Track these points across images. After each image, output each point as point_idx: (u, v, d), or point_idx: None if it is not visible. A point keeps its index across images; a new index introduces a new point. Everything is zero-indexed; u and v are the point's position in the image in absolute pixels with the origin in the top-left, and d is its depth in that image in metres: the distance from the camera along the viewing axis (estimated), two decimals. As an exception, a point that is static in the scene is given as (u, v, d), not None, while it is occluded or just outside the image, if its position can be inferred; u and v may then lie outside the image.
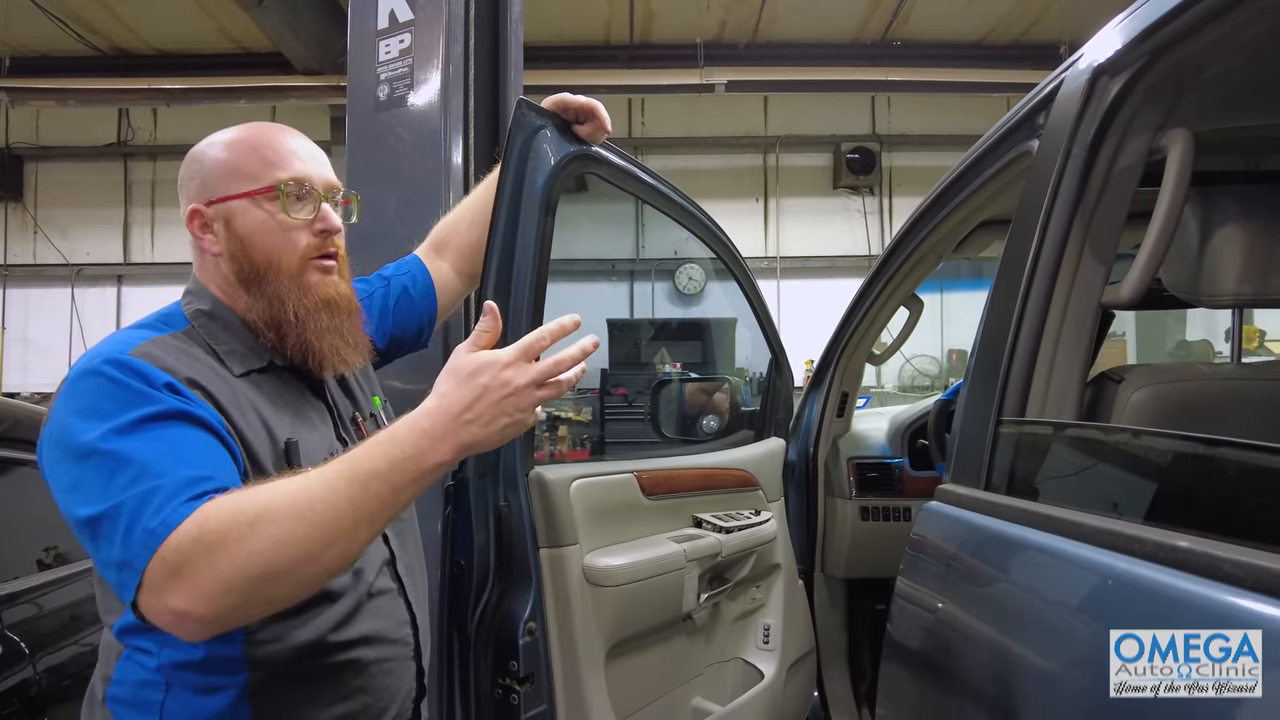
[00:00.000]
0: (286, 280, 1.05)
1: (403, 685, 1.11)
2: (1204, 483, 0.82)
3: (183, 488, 0.81)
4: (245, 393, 1.00)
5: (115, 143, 8.55)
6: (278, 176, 1.05)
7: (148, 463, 0.83)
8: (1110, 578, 0.77)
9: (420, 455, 0.87)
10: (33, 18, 6.87)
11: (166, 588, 0.78)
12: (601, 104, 1.43)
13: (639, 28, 7.64)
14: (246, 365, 1.03)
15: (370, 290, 1.38)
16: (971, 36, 7.76)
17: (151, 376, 0.89)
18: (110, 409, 0.86)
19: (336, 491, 0.83)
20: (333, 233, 1.08)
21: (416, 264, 1.45)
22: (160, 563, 0.78)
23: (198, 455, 0.86)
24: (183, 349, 0.98)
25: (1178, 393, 1.14)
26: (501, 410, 0.89)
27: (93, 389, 0.88)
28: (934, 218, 1.77)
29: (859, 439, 2.58)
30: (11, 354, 8.49)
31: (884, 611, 2.46)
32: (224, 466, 0.88)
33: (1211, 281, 1.17)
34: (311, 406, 1.10)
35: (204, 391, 0.94)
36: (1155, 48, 0.99)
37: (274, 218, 1.05)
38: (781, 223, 8.61)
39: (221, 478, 0.85)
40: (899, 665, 1.30)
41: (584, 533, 1.46)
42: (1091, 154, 1.07)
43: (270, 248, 1.05)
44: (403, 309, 1.40)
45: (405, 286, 1.41)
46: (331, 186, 1.10)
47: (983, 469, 1.14)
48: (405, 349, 1.44)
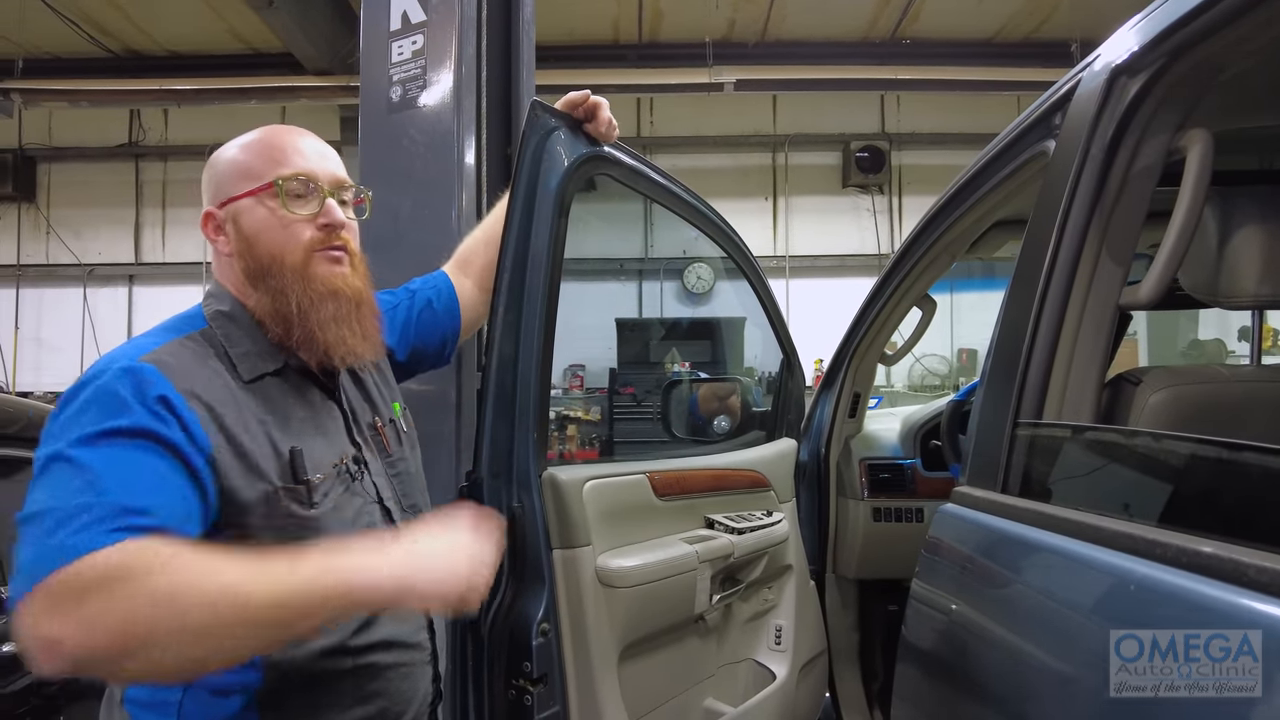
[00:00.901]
0: (290, 273, 1.05)
1: (419, 690, 1.11)
2: (1225, 486, 0.81)
3: (116, 514, 0.79)
4: (250, 402, 1.00)
5: (127, 143, 8.58)
6: (278, 173, 1.06)
7: (94, 479, 0.81)
8: (1131, 582, 0.77)
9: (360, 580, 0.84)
10: (46, 19, 6.90)
11: (52, 610, 0.74)
12: (606, 101, 1.45)
13: (647, 27, 7.63)
14: (258, 369, 1.03)
15: (395, 302, 1.40)
16: (981, 34, 7.72)
17: (148, 387, 0.89)
18: (89, 418, 0.86)
19: (269, 587, 0.79)
20: (336, 227, 1.08)
21: (443, 279, 1.47)
22: (58, 582, 0.74)
23: (149, 486, 0.84)
24: (196, 355, 0.99)
25: (1197, 395, 1.13)
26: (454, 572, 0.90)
27: (88, 396, 0.89)
28: (948, 218, 1.76)
29: (871, 440, 2.57)
30: (25, 354, 8.54)
31: (896, 613, 2.47)
32: (171, 503, 0.85)
33: (1231, 282, 1.16)
34: (324, 411, 1.10)
35: (203, 404, 0.93)
36: (1175, 48, 0.98)
37: (275, 214, 1.05)
38: (790, 222, 8.59)
39: (162, 515, 0.82)
40: (914, 667, 1.30)
41: (597, 534, 1.47)
42: (1110, 154, 1.06)
43: (273, 243, 1.05)
44: (426, 321, 1.41)
45: (429, 300, 1.43)
46: (338, 182, 1.11)
47: (999, 471, 1.14)
48: (428, 363, 1.44)
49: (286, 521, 0.97)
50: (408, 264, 1.77)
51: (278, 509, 0.97)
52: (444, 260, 1.56)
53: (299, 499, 0.98)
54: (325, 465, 1.03)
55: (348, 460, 1.07)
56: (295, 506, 0.98)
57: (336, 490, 1.04)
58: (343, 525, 1.03)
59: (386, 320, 1.37)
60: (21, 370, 8.47)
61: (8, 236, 8.60)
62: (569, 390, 7.74)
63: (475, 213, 1.79)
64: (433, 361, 1.45)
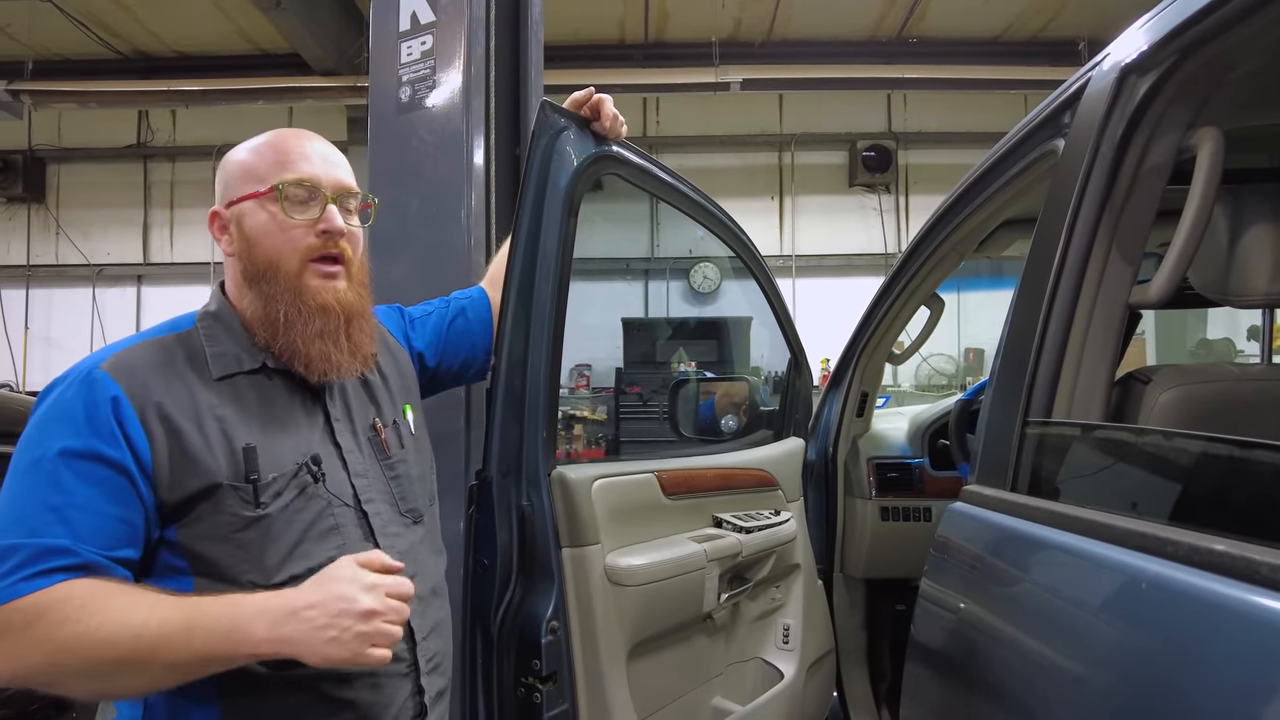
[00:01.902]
0: (283, 281, 1.06)
1: (393, 702, 1.08)
2: (1237, 485, 0.81)
3: (40, 557, 0.88)
4: (212, 400, 1.01)
5: (135, 144, 8.62)
6: (281, 177, 1.07)
7: (29, 514, 0.90)
8: (1143, 581, 0.77)
9: (244, 632, 0.90)
10: (55, 22, 6.94)
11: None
12: (609, 97, 1.46)
13: (653, 27, 7.63)
14: (231, 368, 1.05)
15: (430, 309, 1.45)
16: (988, 33, 7.70)
17: (101, 398, 0.95)
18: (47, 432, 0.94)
19: (162, 634, 0.88)
20: (335, 234, 1.09)
21: (479, 292, 1.52)
22: None
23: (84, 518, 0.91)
24: (164, 356, 1.02)
25: (1207, 393, 1.13)
26: (333, 623, 0.91)
27: (49, 405, 0.97)
28: (956, 217, 1.76)
29: (879, 439, 2.57)
30: (35, 353, 8.60)
31: (904, 612, 2.46)
32: (104, 531, 0.92)
33: (1241, 281, 1.16)
34: (299, 410, 1.09)
35: (153, 405, 0.97)
36: (1186, 45, 0.98)
37: (275, 218, 1.06)
38: (797, 221, 8.58)
39: (86, 548, 0.91)
40: (924, 667, 1.30)
41: (605, 532, 1.47)
42: (1119, 153, 1.06)
43: (271, 247, 1.06)
44: (458, 329, 1.44)
45: (463, 308, 1.46)
46: (342, 189, 1.11)
47: (1009, 470, 1.14)
48: (455, 371, 1.46)
49: (232, 520, 0.98)
50: (416, 264, 1.78)
51: (223, 507, 0.98)
52: (452, 260, 1.57)
53: (244, 497, 0.99)
54: (284, 465, 1.03)
55: (308, 461, 1.05)
56: (240, 506, 0.98)
57: (290, 491, 1.02)
58: (297, 527, 1.02)
59: (420, 325, 1.42)
60: (31, 370, 8.53)
61: (18, 237, 8.66)
62: (575, 390, 7.75)
63: (484, 213, 1.79)
64: (460, 371, 1.46)
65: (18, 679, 0.91)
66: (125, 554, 0.94)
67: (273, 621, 0.90)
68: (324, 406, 1.12)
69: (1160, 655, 0.74)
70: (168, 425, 0.97)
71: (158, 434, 0.96)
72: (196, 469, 0.97)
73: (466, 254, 1.75)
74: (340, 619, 0.91)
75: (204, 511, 0.97)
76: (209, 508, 0.97)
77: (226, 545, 0.97)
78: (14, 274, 8.62)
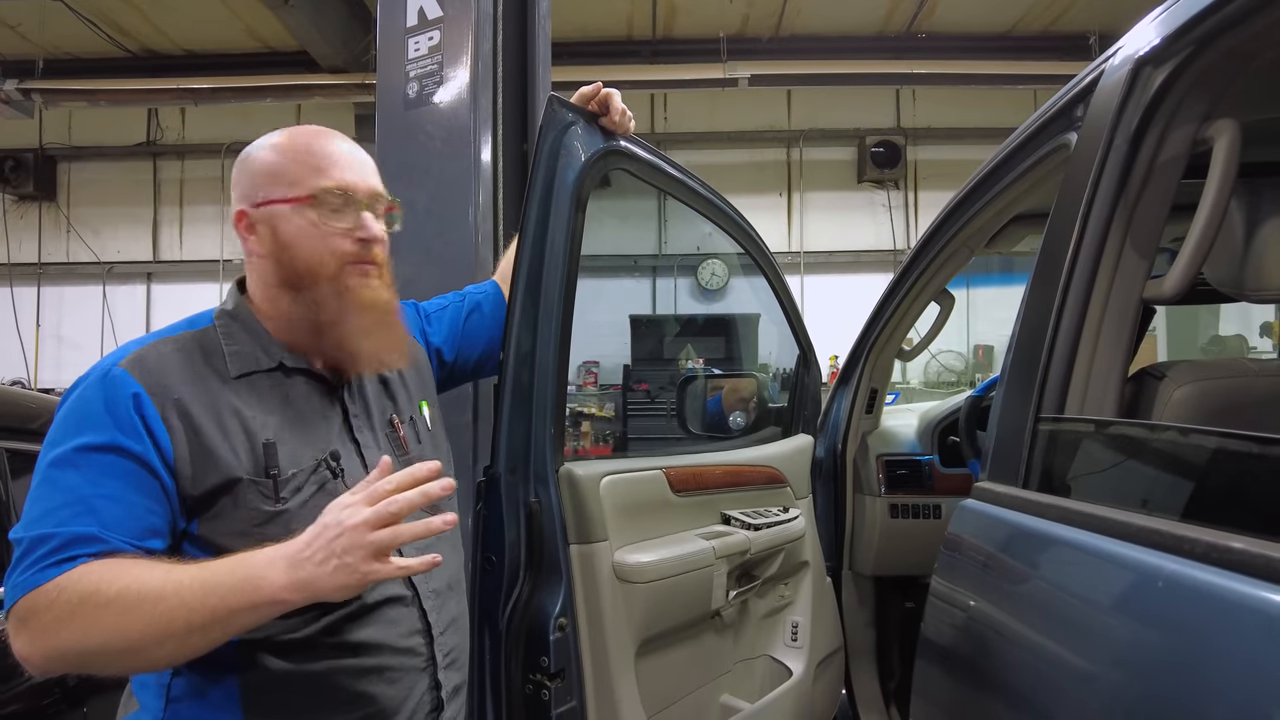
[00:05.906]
0: (326, 285, 1.07)
1: (411, 697, 1.09)
2: (1254, 481, 0.80)
3: (68, 545, 0.90)
4: (230, 397, 1.02)
5: (145, 142, 8.65)
6: (319, 184, 1.06)
7: (57, 506, 0.92)
8: (1159, 579, 0.76)
9: (257, 582, 0.89)
10: (66, 20, 6.98)
11: (17, 631, 0.90)
12: (617, 91, 1.46)
13: (661, 23, 7.61)
14: (249, 366, 1.06)
15: (445, 304, 1.46)
16: (998, 28, 7.65)
17: (121, 394, 0.96)
18: (69, 429, 0.95)
19: (180, 596, 0.88)
20: (373, 242, 1.10)
21: (493, 286, 1.52)
22: (18, 612, 0.90)
23: (109, 508, 0.92)
24: (183, 353, 1.02)
25: (1222, 389, 1.11)
26: (331, 551, 0.89)
27: (71, 404, 0.98)
28: (967, 212, 1.75)
29: (888, 436, 2.55)
30: (46, 350, 8.65)
31: (913, 609, 2.45)
32: (129, 521, 0.93)
33: (1258, 276, 1.14)
34: (316, 408, 1.10)
35: (173, 400, 0.97)
36: (1201, 37, 0.97)
37: (314, 225, 1.06)
38: (805, 217, 8.55)
39: (114, 536, 0.91)
40: (934, 665, 1.29)
41: (614, 529, 1.46)
42: (1134, 146, 1.05)
43: (311, 253, 1.06)
44: (474, 324, 1.45)
45: (479, 303, 1.47)
46: (374, 194, 1.11)
47: (1021, 467, 1.13)
48: (472, 366, 1.47)
49: (253, 514, 0.99)
50: (424, 260, 1.77)
51: (243, 502, 0.99)
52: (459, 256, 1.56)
53: (264, 492, 1.00)
54: (303, 461, 1.04)
55: (326, 457, 1.06)
56: (260, 500, 0.99)
57: (310, 487, 1.03)
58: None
59: (435, 320, 1.43)
60: (43, 367, 8.58)
61: (29, 235, 8.71)
62: (583, 387, 7.75)
63: (492, 208, 1.79)
64: (476, 365, 1.47)
65: (50, 661, 0.91)
66: (153, 544, 0.94)
67: (286, 567, 0.89)
68: (342, 404, 1.13)
69: (1176, 655, 0.73)
70: (188, 421, 0.97)
71: (178, 429, 0.97)
72: (217, 464, 0.98)
73: (474, 249, 1.75)
74: (335, 544, 0.89)
75: (225, 506, 0.98)
76: (230, 502, 0.98)
77: (247, 539, 0.96)
78: (25, 272, 8.67)
